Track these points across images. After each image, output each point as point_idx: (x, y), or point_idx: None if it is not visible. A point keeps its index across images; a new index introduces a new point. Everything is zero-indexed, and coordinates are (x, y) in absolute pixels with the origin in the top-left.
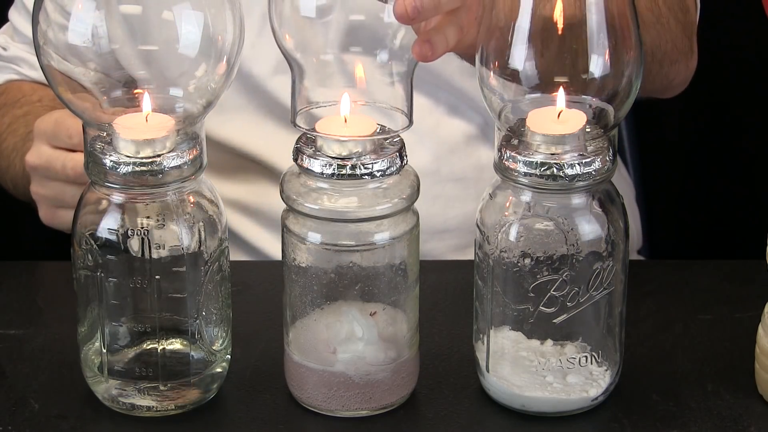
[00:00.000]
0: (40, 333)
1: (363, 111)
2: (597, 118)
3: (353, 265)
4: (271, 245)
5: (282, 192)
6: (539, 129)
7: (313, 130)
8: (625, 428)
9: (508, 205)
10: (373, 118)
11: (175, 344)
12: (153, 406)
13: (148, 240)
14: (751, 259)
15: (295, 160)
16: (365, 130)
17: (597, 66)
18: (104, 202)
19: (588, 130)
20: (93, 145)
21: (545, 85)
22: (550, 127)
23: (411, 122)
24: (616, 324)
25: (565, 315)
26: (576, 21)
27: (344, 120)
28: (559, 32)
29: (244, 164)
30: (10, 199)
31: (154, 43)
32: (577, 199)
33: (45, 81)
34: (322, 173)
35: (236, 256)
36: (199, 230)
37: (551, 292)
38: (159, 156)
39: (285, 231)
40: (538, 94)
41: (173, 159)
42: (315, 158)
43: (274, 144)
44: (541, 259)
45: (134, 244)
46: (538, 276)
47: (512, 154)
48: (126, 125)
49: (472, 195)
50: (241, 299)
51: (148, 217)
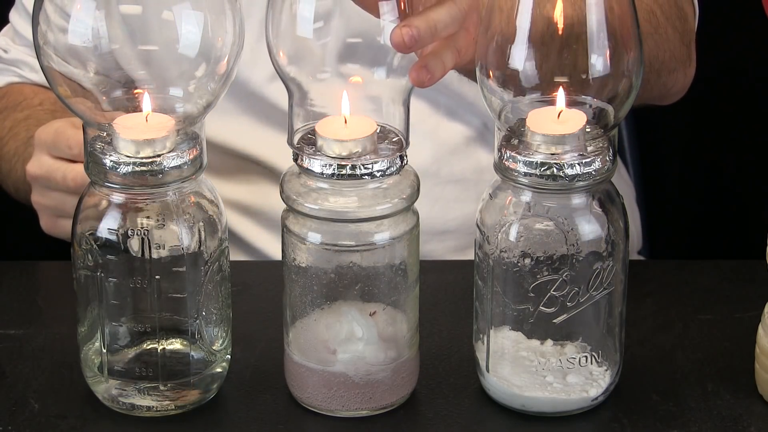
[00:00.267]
0: (40, 333)
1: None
2: (597, 118)
3: (353, 265)
4: (271, 245)
5: (282, 192)
6: (539, 129)
7: (313, 135)
8: (625, 428)
9: (508, 205)
10: (372, 119)
11: (175, 344)
12: (153, 406)
13: (148, 240)
14: (751, 259)
15: (295, 160)
16: (365, 131)
17: (597, 66)
18: (104, 202)
19: (588, 130)
20: (93, 145)
21: (545, 85)
22: (550, 127)
23: (407, 143)
24: (616, 324)
25: (565, 315)
26: (576, 21)
27: (344, 120)
28: (559, 32)
29: (244, 165)
30: (10, 199)
31: (153, 43)
32: (577, 199)
33: (46, 84)
34: (322, 173)
35: (236, 256)
36: (199, 230)
37: (551, 292)
38: (159, 156)
39: (285, 231)
40: (538, 94)
41: (173, 159)
42: (315, 158)
43: (274, 145)
44: (541, 259)
45: (134, 244)
46: (538, 276)
47: (512, 154)
48: (126, 125)
49: (471, 196)
50: (241, 299)
51: (148, 217)
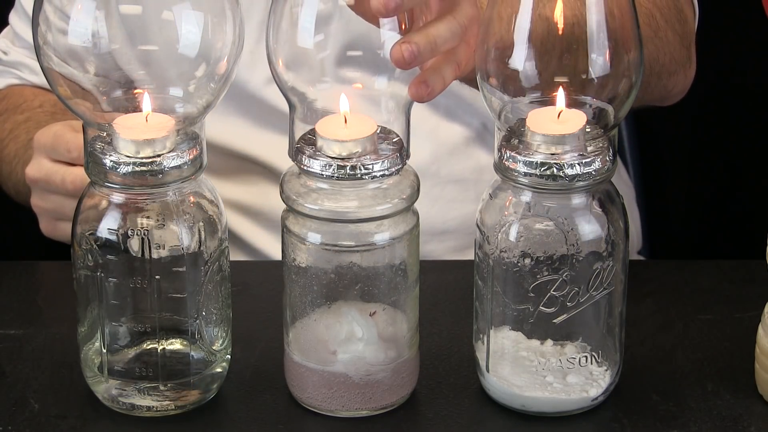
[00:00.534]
0: (40, 333)
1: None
2: (597, 118)
3: (353, 265)
4: (271, 245)
5: (282, 192)
6: (539, 129)
7: (313, 135)
8: (625, 428)
9: (508, 205)
10: (372, 119)
11: (175, 344)
12: (153, 406)
13: (148, 240)
14: (751, 259)
15: (295, 160)
16: (365, 131)
17: (597, 66)
18: (104, 203)
19: (588, 130)
20: (93, 145)
21: (545, 85)
22: (550, 127)
23: (408, 155)
24: (616, 324)
25: (565, 315)
26: (576, 21)
27: (344, 120)
28: (560, 32)
29: (244, 165)
30: (10, 199)
31: (153, 43)
32: (577, 199)
33: (46, 85)
34: (322, 173)
35: (236, 256)
36: (199, 230)
37: (551, 292)
38: (159, 156)
39: (285, 231)
40: (538, 94)
41: (173, 159)
42: (315, 158)
43: (274, 146)
44: (541, 259)
45: (134, 244)
46: (538, 276)
47: (512, 154)
48: (126, 125)
49: (471, 197)
50: (241, 299)
51: (148, 217)
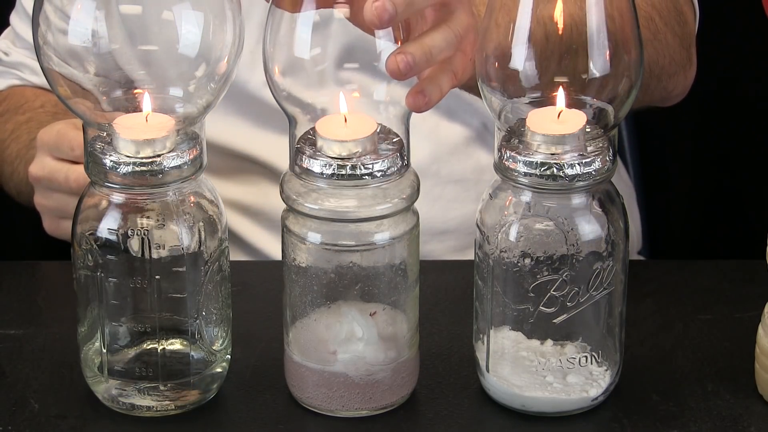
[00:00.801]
0: (40, 333)
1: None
2: (597, 118)
3: (353, 265)
4: (271, 245)
5: (282, 192)
6: (539, 129)
7: (313, 135)
8: (625, 428)
9: (508, 205)
10: (373, 118)
11: (175, 344)
12: (153, 406)
13: (148, 240)
14: (751, 259)
15: (295, 160)
16: (365, 131)
17: (597, 67)
18: (104, 202)
19: (588, 130)
20: (93, 145)
21: (545, 85)
22: (550, 127)
23: (408, 164)
24: (616, 324)
25: (565, 315)
26: (576, 21)
27: (344, 120)
28: (559, 37)
29: (244, 165)
30: (10, 199)
31: (153, 43)
32: (577, 199)
33: (47, 86)
34: (322, 173)
35: (236, 256)
36: (199, 230)
37: (551, 292)
38: (159, 156)
39: (285, 231)
40: (538, 94)
41: (173, 159)
42: (315, 158)
43: (274, 146)
44: (541, 259)
45: (134, 244)
46: (538, 276)
47: (512, 154)
48: (126, 125)
49: (471, 197)
50: (241, 299)
51: (148, 217)
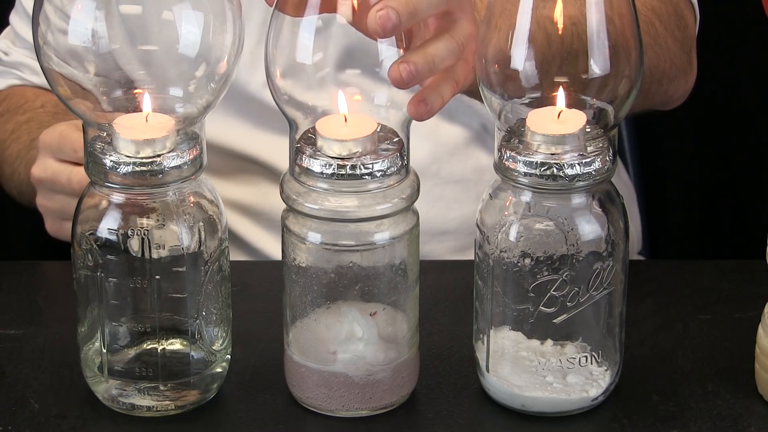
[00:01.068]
0: (40, 333)
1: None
2: (597, 118)
3: (353, 265)
4: (271, 245)
5: (282, 192)
6: (539, 129)
7: (313, 134)
8: (625, 428)
9: (508, 205)
10: (373, 118)
11: (175, 344)
12: (153, 406)
13: (148, 240)
14: (751, 259)
15: (295, 160)
16: (365, 131)
17: (597, 67)
18: (104, 202)
19: (588, 130)
20: (93, 145)
21: (545, 85)
22: (550, 127)
23: (408, 171)
24: (616, 324)
25: (565, 315)
26: (576, 21)
27: (344, 119)
28: (559, 41)
29: (244, 165)
30: (10, 199)
31: (153, 43)
32: (577, 199)
33: (47, 86)
34: (322, 173)
35: (236, 256)
36: (199, 230)
37: (551, 292)
38: (159, 156)
39: (285, 231)
40: (538, 94)
41: (173, 159)
42: (315, 158)
43: (274, 146)
44: (541, 259)
45: (134, 244)
46: (538, 276)
47: (512, 154)
48: (126, 125)
49: (471, 197)
50: (241, 299)
51: (148, 217)
